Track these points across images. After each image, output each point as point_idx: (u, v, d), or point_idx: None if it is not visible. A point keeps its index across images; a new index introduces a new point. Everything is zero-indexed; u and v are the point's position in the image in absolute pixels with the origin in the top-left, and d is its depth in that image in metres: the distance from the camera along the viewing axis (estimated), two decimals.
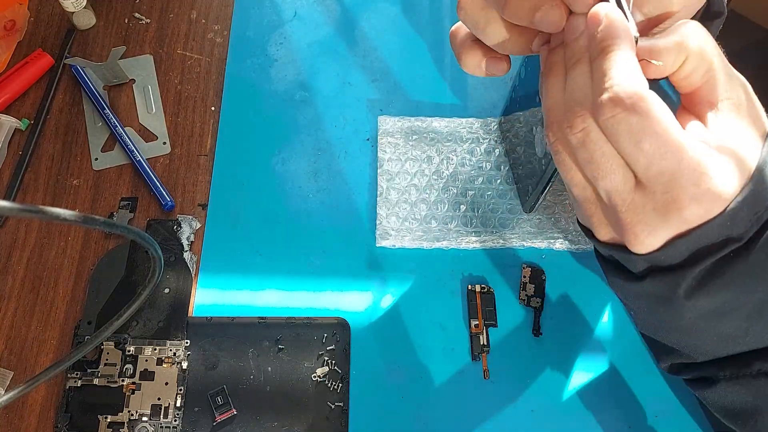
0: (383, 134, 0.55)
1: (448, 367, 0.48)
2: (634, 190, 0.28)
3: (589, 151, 0.28)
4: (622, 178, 0.28)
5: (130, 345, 0.47)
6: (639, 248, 0.29)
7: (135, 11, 0.61)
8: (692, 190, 0.27)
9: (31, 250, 0.51)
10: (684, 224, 0.28)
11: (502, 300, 0.49)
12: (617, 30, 0.27)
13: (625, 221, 0.29)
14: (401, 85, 0.58)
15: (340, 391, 0.46)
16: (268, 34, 0.60)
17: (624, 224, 0.29)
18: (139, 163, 0.54)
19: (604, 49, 0.27)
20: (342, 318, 0.49)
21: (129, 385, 0.46)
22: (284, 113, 0.57)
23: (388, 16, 0.61)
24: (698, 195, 0.27)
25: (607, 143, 0.28)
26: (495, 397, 0.47)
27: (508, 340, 0.49)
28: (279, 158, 0.55)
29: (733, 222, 0.28)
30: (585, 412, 0.46)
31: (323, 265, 0.51)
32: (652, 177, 0.27)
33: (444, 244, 0.51)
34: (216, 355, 0.47)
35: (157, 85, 0.58)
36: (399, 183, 0.53)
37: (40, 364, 0.48)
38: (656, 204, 0.28)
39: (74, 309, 0.50)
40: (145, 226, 0.52)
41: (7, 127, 0.55)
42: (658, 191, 0.27)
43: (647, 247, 0.29)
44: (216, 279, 0.51)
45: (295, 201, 0.53)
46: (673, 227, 0.28)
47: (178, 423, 0.45)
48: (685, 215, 0.27)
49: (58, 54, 0.59)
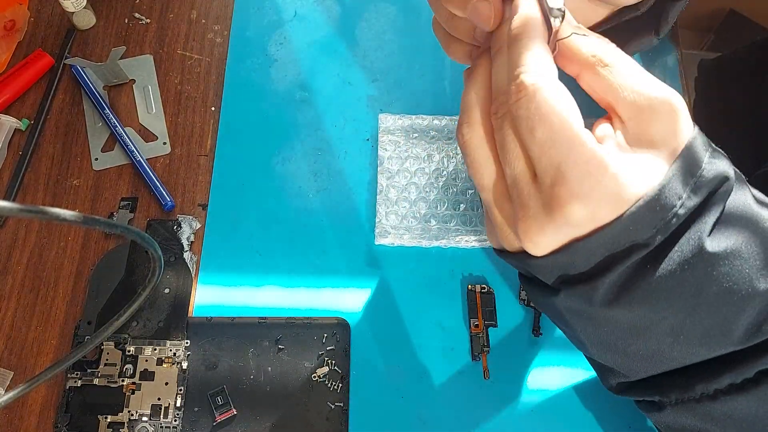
0: (384, 132, 0.55)
1: (448, 367, 0.48)
2: (531, 183, 0.27)
3: (502, 134, 0.27)
4: (524, 167, 0.27)
5: (130, 345, 0.47)
6: (531, 248, 0.28)
7: (135, 11, 0.61)
8: (577, 186, 0.25)
9: (31, 250, 0.52)
10: (568, 225, 0.26)
11: (502, 300, 0.49)
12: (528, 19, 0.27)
13: (518, 215, 0.27)
14: (401, 84, 0.58)
15: (340, 391, 0.46)
16: (268, 34, 0.60)
17: (517, 219, 0.27)
18: (139, 163, 0.54)
19: (516, 37, 0.27)
20: (342, 318, 0.49)
21: (129, 385, 0.46)
22: (284, 113, 0.57)
23: (388, 16, 0.61)
24: (580, 194, 0.25)
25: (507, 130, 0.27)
26: (495, 397, 0.47)
27: (508, 340, 0.49)
28: (279, 158, 0.55)
29: (636, 226, 0.26)
30: (585, 412, 0.46)
31: (323, 264, 0.51)
32: (542, 168, 0.26)
33: (443, 242, 0.51)
34: (216, 355, 0.47)
35: (157, 85, 0.58)
36: (399, 181, 0.53)
37: (40, 364, 0.48)
38: (544, 198, 0.26)
39: (74, 309, 0.50)
40: (145, 226, 0.52)
41: (7, 127, 0.55)
42: (546, 184, 0.26)
43: (540, 246, 0.27)
44: (216, 279, 0.51)
45: (295, 201, 0.53)
46: (561, 226, 0.26)
47: (178, 423, 0.45)
48: (566, 213, 0.26)
49: (58, 54, 0.59)
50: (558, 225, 0.26)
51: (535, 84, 0.26)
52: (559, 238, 0.27)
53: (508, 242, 0.30)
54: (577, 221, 0.26)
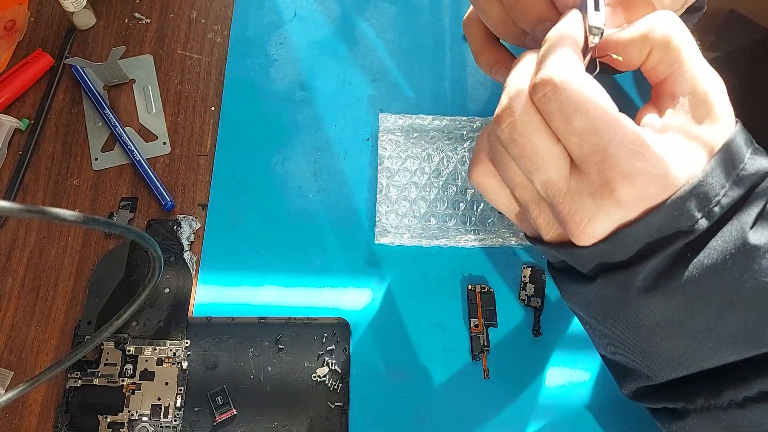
0: (384, 131, 0.55)
1: (448, 367, 0.48)
2: (570, 177, 0.27)
3: (518, 145, 0.28)
4: (554, 167, 0.27)
5: (130, 345, 0.47)
6: (582, 239, 0.28)
7: (135, 11, 0.61)
8: (624, 167, 0.25)
9: (31, 250, 0.52)
10: (620, 208, 0.26)
11: (502, 300, 0.49)
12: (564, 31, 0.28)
13: (564, 211, 0.27)
14: (401, 84, 0.58)
15: (340, 391, 0.46)
16: (268, 34, 0.60)
17: (563, 215, 0.27)
18: (139, 163, 0.54)
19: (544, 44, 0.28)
20: (342, 318, 0.49)
21: (129, 385, 0.46)
22: (284, 113, 0.57)
23: (388, 16, 0.61)
24: (630, 174, 0.25)
25: (534, 134, 0.27)
26: (495, 397, 0.47)
27: (508, 340, 0.49)
28: (279, 158, 0.55)
29: (681, 212, 0.26)
30: (585, 412, 0.46)
31: (323, 264, 0.51)
32: (585, 157, 0.26)
33: (443, 242, 0.51)
34: (216, 355, 0.47)
35: (157, 85, 0.58)
36: (399, 180, 0.53)
37: (40, 364, 0.48)
38: (592, 187, 0.26)
39: (74, 309, 0.50)
40: (145, 226, 0.52)
41: (7, 127, 0.55)
42: (593, 172, 0.26)
43: (590, 236, 0.27)
44: (216, 279, 0.51)
45: (295, 201, 0.53)
46: (611, 212, 0.26)
47: (178, 423, 0.45)
48: (618, 196, 0.26)
49: (58, 54, 0.59)
50: (609, 210, 0.26)
51: (562, 77, 0.26)
52: (609, 224, 0.27)
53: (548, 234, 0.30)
54: (628, 202, 0.26)
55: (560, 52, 0.27)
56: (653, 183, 0.26)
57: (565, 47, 0.27)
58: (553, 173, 0.27)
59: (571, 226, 0.28)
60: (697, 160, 0.27)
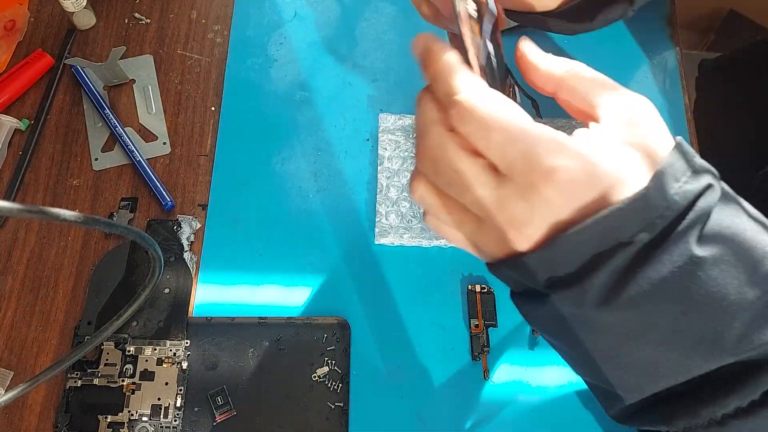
0: (384, 132, 0.55)
1: (448, 367, 0.48)
2: (499, 187, 0.28)
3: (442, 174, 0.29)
4: (481, 183, 0.28)
5: (130, 345, 0.47)
6: (522, 243, 0.28)
7: (135, 11, 0.61)
8: (545, 165, 0.26)
9: (31, 250, 0.52)
10: (550, 206, 0.27)
11: (502, 300, 0.49)
12: (446, 61, 0.30)
13: (501, 220, 0.28)
14: (401, 84, 0.58)
15: (340, 391, 0.46)
16: (268, 34, 0.60)
17: (502, 224, 0.28)
18: (139, 163, 0.54)
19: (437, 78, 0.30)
20: (342, 318, 0.49)
21: (129, 385, 0.46)
22: (284, 113, 0.57)
23: (388, 16, 0.61)
24: (551, 170, 0.26)
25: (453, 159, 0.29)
26: (495, 397, 0.47)
27: (508, 340, 0.49)
28: (279, 158, 0.55)
29: (620, 223, 0.27)
30: (585, 412, 0.46)
31: (323, 264, 0.51)
32: (509, 164, 0.27)
33: (443, 242, 0.51)
34: (216, 355, 0.47)
35: (157, 85, 0.58)
36: (399, 180, 0.53)
37: (40, 364, 0.48)
38: (520, 190, 0.27)
39: (74, 309, 0.50)
40: (145, 226, 0.52)
41: (7, 127, 0.55)
42: (518, 177, 0.27)
43: (529, 238, 0.28)
44: (216, 279, 0.51)
45: (295, 201, 0.53)
46: (543, 212, 0.27)
47: (178, 423, 0.45)
48: (545, 195, 0.27)
49: (58, 54, 0.59)
50: (541, 210, 0.27)
51: (468, 98, 0.28)
52: (543, 224, 0.28)
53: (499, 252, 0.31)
54: (555, 200, 0.27)
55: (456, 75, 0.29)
56: (577, 178, 0.27)
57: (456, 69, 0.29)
58: (481, 189, 0.28)
59: (510, 233, 0.28)
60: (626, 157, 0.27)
